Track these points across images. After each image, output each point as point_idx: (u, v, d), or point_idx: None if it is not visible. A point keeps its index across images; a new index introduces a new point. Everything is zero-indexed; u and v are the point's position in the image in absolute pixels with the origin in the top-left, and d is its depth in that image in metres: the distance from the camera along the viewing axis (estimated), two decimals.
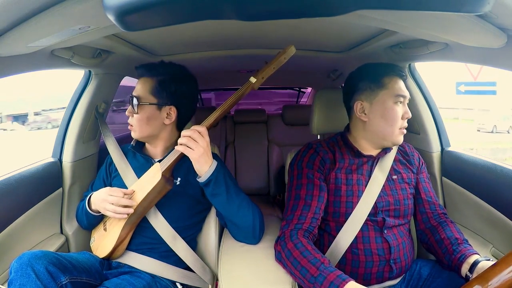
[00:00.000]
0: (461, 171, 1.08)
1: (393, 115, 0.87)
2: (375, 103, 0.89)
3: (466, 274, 0.76)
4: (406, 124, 0.90)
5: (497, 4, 0.47)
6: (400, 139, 0.89)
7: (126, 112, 0.95)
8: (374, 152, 0.94)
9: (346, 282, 0.67)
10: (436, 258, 0.90)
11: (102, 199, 0.89)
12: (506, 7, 0.49)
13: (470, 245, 0.84)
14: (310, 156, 0.92)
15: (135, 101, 0.92)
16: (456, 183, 1.09)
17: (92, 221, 0.99)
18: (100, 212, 0.93)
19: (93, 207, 0.94)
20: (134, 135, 0.97)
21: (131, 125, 0.96)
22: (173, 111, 0.95)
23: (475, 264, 0.75)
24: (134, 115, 0.94)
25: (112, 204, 0.86)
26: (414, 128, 1.23)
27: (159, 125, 0.95)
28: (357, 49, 1.15)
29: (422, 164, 1.00)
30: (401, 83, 0.90)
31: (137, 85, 0.96)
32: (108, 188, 0.91)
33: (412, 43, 0.96)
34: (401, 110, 0.88)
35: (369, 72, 0.92)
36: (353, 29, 0.97)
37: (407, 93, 0.90)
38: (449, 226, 0.89)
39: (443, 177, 1.15)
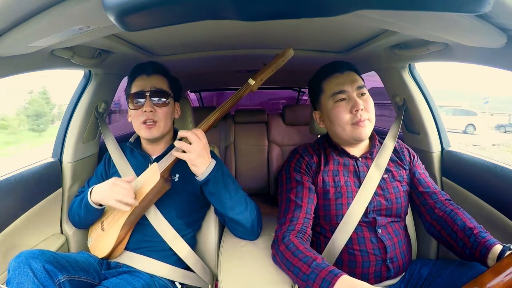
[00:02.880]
0: (461, 171, 1.08)
1: (336, 115, 0.88)
2: (322, 109, 0.94)
3: None
4: (360, 116, 0.85)
5: (497, 4, 0.47)
6: (359, 133, 0.86)
7: (148, 108, 0.92)
8: (357, 153, 0.95)
9: (338, 277, 0.65)
10: (454, 252, 0.85)
11: (111, 185, 0.85)
12: (506, 7, 0.49)
13: (486, 231, 0.79)
14: (296, 161, 0.94)
15: (162, 94, 0.94)
16: (456, 183, 1.09)
17: (89, 216, 0.94)
18: (101, 206, 0.91)
19: (94, 197, 0.89)
20: (156, 132, 0.94)
21: (155, 121, 0.93)
22: (177, 107, 1.03)
23: (501, 254, 0.71)
24: (160, 109, 0.94)
25: (120, 193, 0.83)
26: (414, 128, 1.23)
27: (172, 120, 1.00)
28: (357, 49, 1.15)
29: (414, 157, 0.99)
30: (339, 79, 0.88)
31: (153, 81, 0.95)
32: (115, 178, 0.87)
33: (412, 43, 0.96)
34: (344, 108, 0.86)
35: (312, 81, 0.97)
36: (353, 29, 0.97)
37: (346, 87, 0.87)
38: (458, 214, 0.85)
39: (443, 177, 1.15)
